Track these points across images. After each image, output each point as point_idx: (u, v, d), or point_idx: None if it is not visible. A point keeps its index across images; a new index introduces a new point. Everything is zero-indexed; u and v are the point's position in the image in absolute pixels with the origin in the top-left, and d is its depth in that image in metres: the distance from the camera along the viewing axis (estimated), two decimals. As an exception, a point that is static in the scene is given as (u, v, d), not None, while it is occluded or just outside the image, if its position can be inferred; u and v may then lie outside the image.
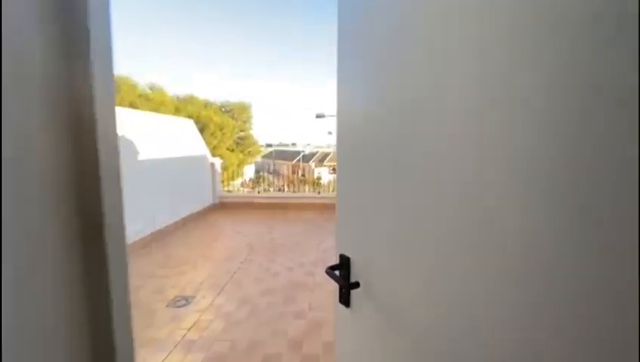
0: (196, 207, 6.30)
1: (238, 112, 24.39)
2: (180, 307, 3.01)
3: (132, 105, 18.22)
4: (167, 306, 3.02)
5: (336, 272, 0.92)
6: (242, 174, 31.37)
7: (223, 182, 7.72)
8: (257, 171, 44.21)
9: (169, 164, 5.39)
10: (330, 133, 22.61)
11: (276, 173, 45.05)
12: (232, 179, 26.29)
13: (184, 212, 5.83)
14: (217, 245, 4.80)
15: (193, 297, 3.20)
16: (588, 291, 0.41)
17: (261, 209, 6.95)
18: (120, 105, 18.34)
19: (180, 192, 5.71)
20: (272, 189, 9.01)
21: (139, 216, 4.60)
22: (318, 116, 15.94)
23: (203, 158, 6.60)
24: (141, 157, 4.70)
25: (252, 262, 4.06)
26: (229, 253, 4.45)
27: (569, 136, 0.43)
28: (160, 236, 5.05)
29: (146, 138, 4.87)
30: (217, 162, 7.04)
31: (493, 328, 0.54)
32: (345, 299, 0.93)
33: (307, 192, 7.40)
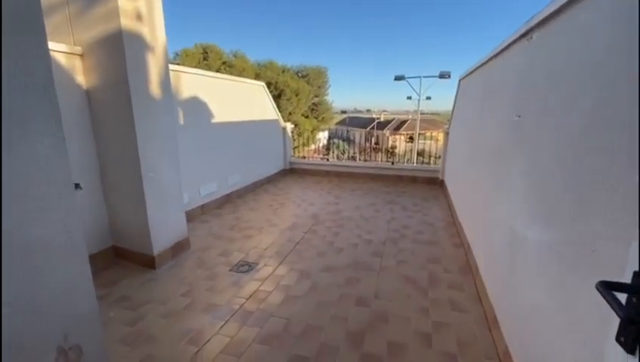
0: (267, 171, 6.33)
1: (313, 77, 24.09)
2: (242, 273, 2.96)
3: (218, 72, 19.42)
4: (230, 270, 3.00)
5: (618, 295, 0.61)
6: (316, 141, 31.79)
7: (296, 148, 7.63)
8: (330, 138, 44.43)
9: (241, 127, 5.39)
10: (409, 97, 20.77)
11: (349, 140, 44.54)
12: (306, 145, 26.62)
13: (256, 175, 5.90)
14: (283, 212, 4.71)
15: (256, 263, 3.13)
16: None
17: (330, 177, 6.69)
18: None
19: (252, 156, 5.75)
20: (345, 157, 8.64)
21: (213, 177, 4.75)
22: (397, 78, 14.56)
23: (274, 123, 6.49)
24: (215, 120, 4.74)
25: (316, 233, 3.83)
26: (294, 220, 4.31)
27: None
28: (232, 198, 5.20)
29: (219, 101, 4.87)
30: (289, 127, 6.89)
31: None
32: (629, 340, 0.62)
33: (380, 162, 6.82)
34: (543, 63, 1.68)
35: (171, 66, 3.48)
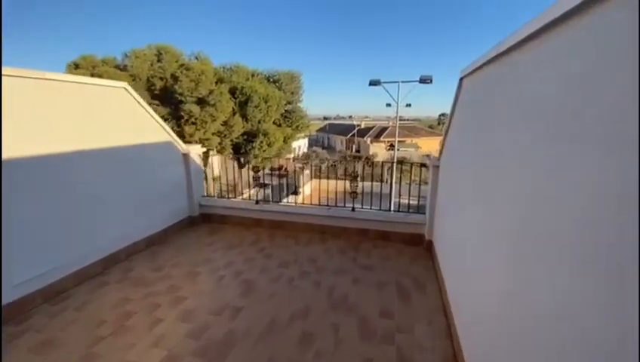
0: (150, 225, 3.85)
1: (286, 82, 21.66)
2: None
3: (173, 77, 16.72)
4: None
5: None
6: (292, 150, 29.34)
7: (268, 158, 5.14)
8: (311, 145, 42.11)
9: (81, 161, 2.93)
10: (388, 105, 18.64)
11: (330, 147, 42.40)
12: (279, 155, 23.94)
13: (114, 242, 3.40)
14: (112, 353, 2.24)
15: None
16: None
17: (260, 230, 4.24)
18: (163, 75, 16.93)
19: (109, 206, 3.26)
20: (323, 166, 6.18)
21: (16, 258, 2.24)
22: (373, 83, 12.39)
23: (164, 148, 4.01)
24: (20, 152, 2.27)
25: None
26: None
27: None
28: (37, 301, 2.66)
29: (39, 117, 2.46)
30: (195, 153, 4.40)
31: None
32: None
33: (336, 207, 4.30)
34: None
35: None
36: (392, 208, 6.19)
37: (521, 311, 1.16)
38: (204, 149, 4.49)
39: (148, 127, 3.73)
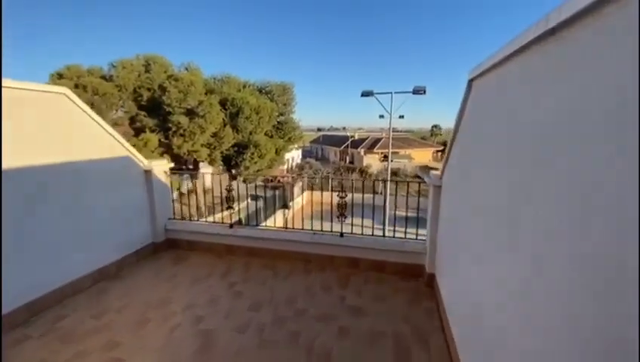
0: (102, 256, 3.21)
1: (278, 93, 21.30)
2: None
3: (161, 88, 16.19)
4: None
5: None
6: (284, 161, 28.78)
7: (260, 170, 4.53)
8: (304, 157, 41.63)
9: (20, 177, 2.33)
10: (381, 116, 18.30)
11: (324, 159, 41.98)
12: (270, 167, 23.19)
13: (43, 284, 2.76)
14: None
15: None
16: None
17: (233, 258, 3.60)
18: (151, 86, 16.37)
19: (36, 241, 2.63)
20: (316, 178, 5.61)
21: None
22: (365, 94, 12.01)
23: (119, 164, 3.41)
24: None
25: None
26: None
27: None
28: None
29: None
30: (159, 170, 3.79)
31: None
32: None
33: (322, 233, 3.70)
34: None
35: None
36: (386, 222, 5.60)
37: None
38: (171, 164, 3.90)
39: (98, 140, 3.13)
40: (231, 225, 3.74)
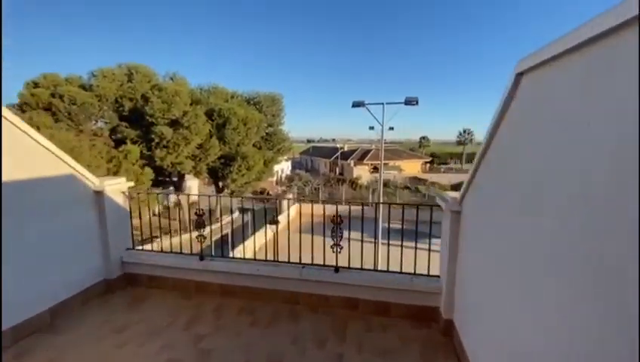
0: (16, 312, 2.48)
1: (267, 104, 20.78)
2: None
3: (144, 98, 15.43)
4: None
5: None
6: (273, 173, 28.07)
7: (248, 183, 3.77)
8: (294, 168, 41.02)
9: None
10: (371, 128, 17.93)
11: (314, 170, 41.45)
12: (259, 180, 22.41)
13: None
14: None
15: None
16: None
17: (203, 299, 2.88)
18: (133, 96, 15.58)
19: None
20: (306, 189, 4.91)
21: None
22: (356, 105, 11.59)
23: (56, 185, 2.71)
24: None
25: None
26: None
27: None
28: None
29: None
30: (114, 189, 3.10)
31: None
32: None
33: (313, 267, 3.00)
34: None
35: None
36: (379, 234, 5.01)
37: None
38: (131, 183, 3.21)
39: (31, 157, 2.45)
40: (201, 258, 3.06)
